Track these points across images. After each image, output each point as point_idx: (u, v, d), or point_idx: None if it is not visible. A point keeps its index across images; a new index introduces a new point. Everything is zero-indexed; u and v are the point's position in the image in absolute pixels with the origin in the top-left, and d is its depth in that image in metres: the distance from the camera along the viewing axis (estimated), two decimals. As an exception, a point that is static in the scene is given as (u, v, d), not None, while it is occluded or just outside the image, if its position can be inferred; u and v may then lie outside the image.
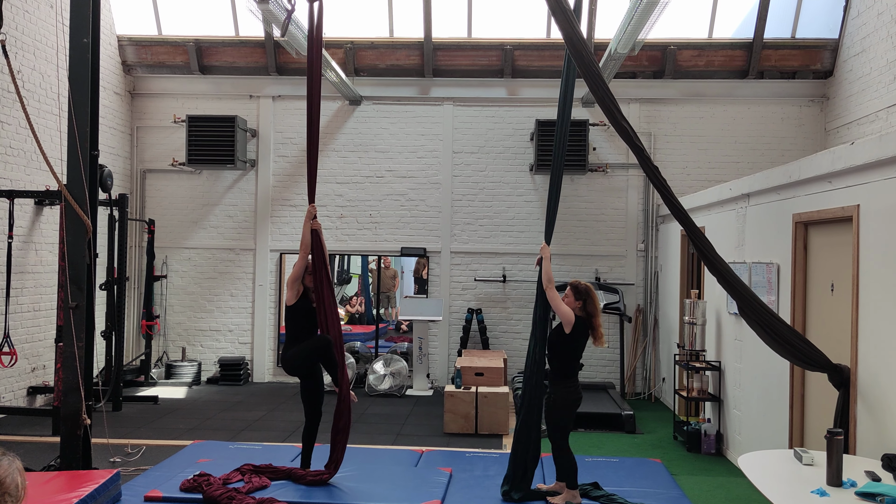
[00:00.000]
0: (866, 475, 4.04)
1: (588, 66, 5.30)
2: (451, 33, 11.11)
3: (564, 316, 5.52)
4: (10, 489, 2.26)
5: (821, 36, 10.60)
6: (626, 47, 8.56)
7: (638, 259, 10.98)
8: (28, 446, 7.33)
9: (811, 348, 5.03)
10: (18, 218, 8.68)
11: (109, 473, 5.34)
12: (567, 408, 5.58)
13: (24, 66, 8.89)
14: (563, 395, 5.56)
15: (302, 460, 6.17)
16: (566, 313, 5.52)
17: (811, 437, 5.84)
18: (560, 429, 5.59)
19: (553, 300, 5.58)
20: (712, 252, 5.23)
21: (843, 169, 5.19)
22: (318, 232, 5.90)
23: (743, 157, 10.86)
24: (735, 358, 7.25)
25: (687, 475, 6.78)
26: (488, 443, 7.86)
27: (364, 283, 12.49)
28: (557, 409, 5.56)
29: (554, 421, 5.58)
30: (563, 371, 5.61)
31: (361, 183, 11.33)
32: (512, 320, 11.11)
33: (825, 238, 5.73)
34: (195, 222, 11.49)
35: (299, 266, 5.96)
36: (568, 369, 5.61)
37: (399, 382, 10.41)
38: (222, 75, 11.48)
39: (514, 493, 5.67)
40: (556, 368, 5.64)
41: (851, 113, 9.97)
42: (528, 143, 11.15)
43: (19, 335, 8.73)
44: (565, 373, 5.61)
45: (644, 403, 10.18)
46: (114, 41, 11.17)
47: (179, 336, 11.47)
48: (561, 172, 5.96)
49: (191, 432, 8.11)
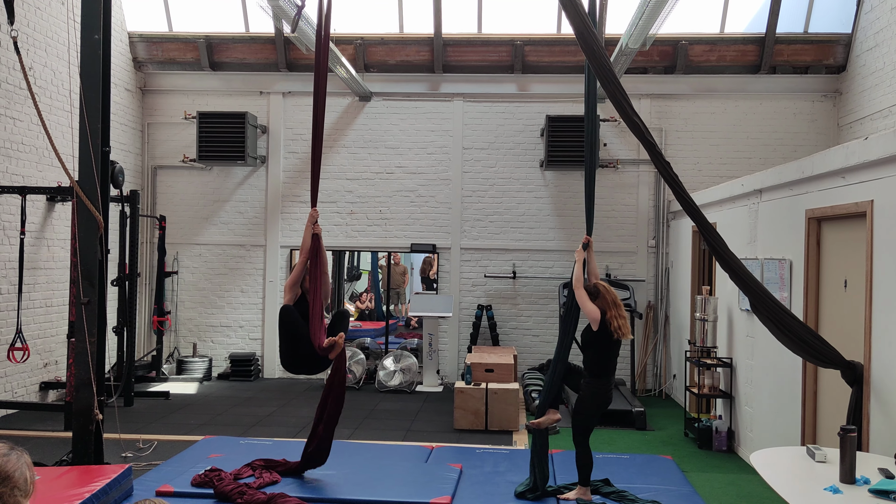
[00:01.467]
0: (880, 472, 4.01)
1: (599, 62, 5.27)
2: (462, 29, 11.09)
3: (589, 314, 5.60)
4: (19, 483, 2.27)
5: (834, 30, 10.51)
6: (638, 42, 8.51)
7: (649, 255, 10.94)
8: (40, 441, 7.38)
9: (824, 345, 4.99)
10: (31, 214, 8.73)
11: (121, 468, 5.37)
12: (593, 405, 5.63)
13: (35, 62, 8.93)
14: (592, 392, 5.61)
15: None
16: (591, 311, 5.58)
17: (824, 434, 5.80)
18: (581, 424, 5.63)
19: (580, 299, 5.66)
20: (724, 248, 5.20)
21: (856, 164, 5.14)
22: (319, 236, 5.87)
23: (755, 153, 10.80)
24: (747, 354, 7.22)
25: (698, 472, 6.75)
26: (498, 439, 7.86)
27: (374, 279, 12.51)
28: (584, 404, 5.63)
29: (577, 415, 5.65)
30: (593, 369, 5.66)
31: (371, 179, 11.33)
32: (522, 316, 11.09)
33: (838, 234, 5.69)
34: (206, 218, 11.52)
35: (298, 270, 5.95)
36: (597, 368, 5.65)
37: (409, 378, 10.41)
38: (233, 72, 11.50)
39: (528, 494, 5.69)
40: (587, 366, 5.72)
41: (864, 108, 9.89)
42: (538, 139, 11.12)
43: (32, 331, 8.79)
44: (595, 371, 5.65)
45: (655, 400, 10.14)
46: (125, 38, 11.20)
47: (190, 332, 11.51)
48: (594, 167, 6.06)
49: (202, 428, 8.14)
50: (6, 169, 8.50)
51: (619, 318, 5.61)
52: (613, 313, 5.60)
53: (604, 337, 5.60)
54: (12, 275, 8.48)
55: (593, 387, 5.63)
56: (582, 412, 5.64)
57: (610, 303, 5.63)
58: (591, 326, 5.62)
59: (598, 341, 5.63)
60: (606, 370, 5.68)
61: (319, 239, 5.87)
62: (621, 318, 5.62)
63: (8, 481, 2.24)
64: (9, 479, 2.25)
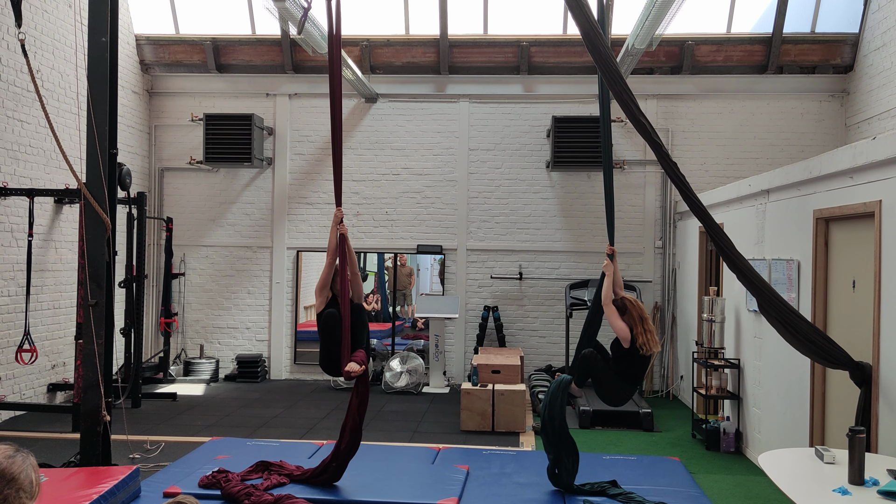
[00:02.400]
0: (889, 474, 3.99)
1: (605, 62, 5.26)
2: (467, 30, 11.08)
3: (619, 332, 5.66)
4: (25, 485, 2.28)
5: (841, 30, 10.47)
6: (644, 43, 8.50)
7: (655, 256, 10.91)
8: (48, 443, 7.41)
9: (832, 346, 4.97)
10: (38, 216, 8.76)
11: (129, 469, 5.37)
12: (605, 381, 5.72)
13: (43, 65, 8.96)
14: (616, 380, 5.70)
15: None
16: (620, 329, 5.62)
17: (832, 435, 5.78)
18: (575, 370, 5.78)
19: (609, 317, 5.70)
20: (732, 249, 5.18)
21: (864, 164, 5.12)
22: (345, 237, 5.67)
23: (762, 153, 10.76)
24: (755, 355, 7.19)
25: (706, 473, 6.73)
26: (505, 440, 7.85)
27: (380, 280, 12.51)
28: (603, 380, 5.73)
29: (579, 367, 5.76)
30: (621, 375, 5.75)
31: (378, 180, 11.34)
32: (528, 318, 11.08)
33: (847, 234, 5.66)
34: (213, 220, 11.55)
35: (325, 273, 5.76)
36: (625, 376, 5.73)
37: (416, 380, 10.41)
38: (239, 74, 11.53)
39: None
40: (616, 371, 5.79)
41: (872, 108, 9.85)
42: (544, 140, 11.11)
43: (39, 332, 8.82)
44: (623, 377, 5.73)
45: (662, 401, 10.12)
46: (132, 40, 11.24)
47: (197, 333, 11.54)
48: (611, 173, 6.11)
49: (209, 429, 8.15)
50: (14, 171, 8.53)
51: (647, 332, 5.64)
52: (640, 329, 5.64)
53: (633, 352, 5.63)
54: (20, 277, 8.52)
55: (620, 379, 5.72)
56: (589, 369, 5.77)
57: (637, 319, 5.65)
58: (622, 343, 5.67)
59: (627, 356, 5.68)
60: (633, 380, 5.74)
61: (346, 239, 5.68)
62: (648, 333, 5.64)
63: (13, 483, 2.25)
64: (14, 480, 2.26)
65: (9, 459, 2.27)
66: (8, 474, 2.24)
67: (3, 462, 2.27)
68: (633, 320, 5.64)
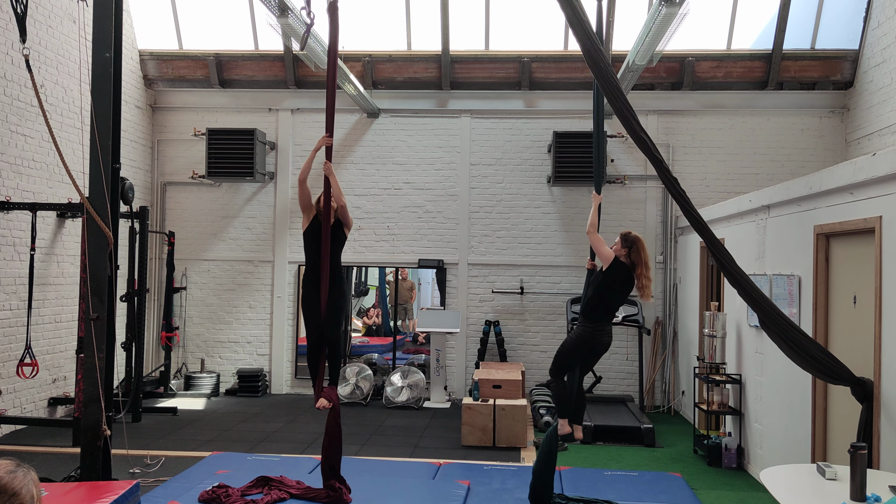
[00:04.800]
0: (890, 490, 3.98)
1: (606, 78, 5.30)
2: (469, 46, 11.15)
3: (602, 255, 5.64)
4: (26, 500, 2.27)
5: (841, 47, 10.53)
6: (644, 59, 8.54)
7: (656, 271, 10.91)
8: (49, 457, 7.39)
9: (834, 361, 4.97)
10: (41, 230, 8.78)
11: (129, 484, 5.36)
12: (575, 343, 5.68)
13: (47, 80, 9.02)
14: (577, 333, 5.70)
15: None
16: (605, 253, 5.62)
17: (834, 451, 5.76)
18: (557, 361, 5.70)
19: (595, 243, 5.72)
20: (732, 264, 5.19)
21: (865, 180, 5.14)
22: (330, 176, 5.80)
23: (762, 169, 10.79)
24: (756, 371, 7.18)
25: (707, 489, 6.71)
26: (506, 456, 7.82)
27: (381, 294, 12.52)
28: (566, 343, 5.72)
29: (558, 352, 5.70)
30: (587, 311, 5.68)
31: (379, 195, 11.37)
32: (530, 332, 11.07)
33: (847, 250, 5.67)
34: (214, 234, 11.57)
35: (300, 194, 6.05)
36: (592, 310, 5.67)
37: (416, 394, 10.39)
38: (242, 89, 11.59)
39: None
40: (583, 307, 5.76)
41: (872, 124, 9.88)
42: (545, 155, 11.14)
43: (41, 346, 8.82)
44: (589, 312, 5.67)
45: (663, 417, 10.09)
46: (135, 56, 11.31)
47: (198, 347, 11.53)
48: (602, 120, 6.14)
49: (209, 443, 8.14)
50: (17, 185, 8.57)
51: (647, 278, 5.67)
52: (642, 272, 5.68)
53: (613, 282, 5.61)
54: (22, 290, 8.53)
55: (583, 327, 5.70)
56: (562, 349, 5.71)
57: (643, 261, 5.69)
58: (602, 266, 5.66)
59: (602, 281, 5.67)
60: (602, 313, 5.70)
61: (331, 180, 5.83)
62: (648, 280, 5.68)
63: (15, 498, 2.25)
64: (16, 496, 2.26)
65: (10, 475, 2.27)
66: (9, 489, 2.24)
67: (5, 477, 2.27)
68: (640, 259, 5.67)
